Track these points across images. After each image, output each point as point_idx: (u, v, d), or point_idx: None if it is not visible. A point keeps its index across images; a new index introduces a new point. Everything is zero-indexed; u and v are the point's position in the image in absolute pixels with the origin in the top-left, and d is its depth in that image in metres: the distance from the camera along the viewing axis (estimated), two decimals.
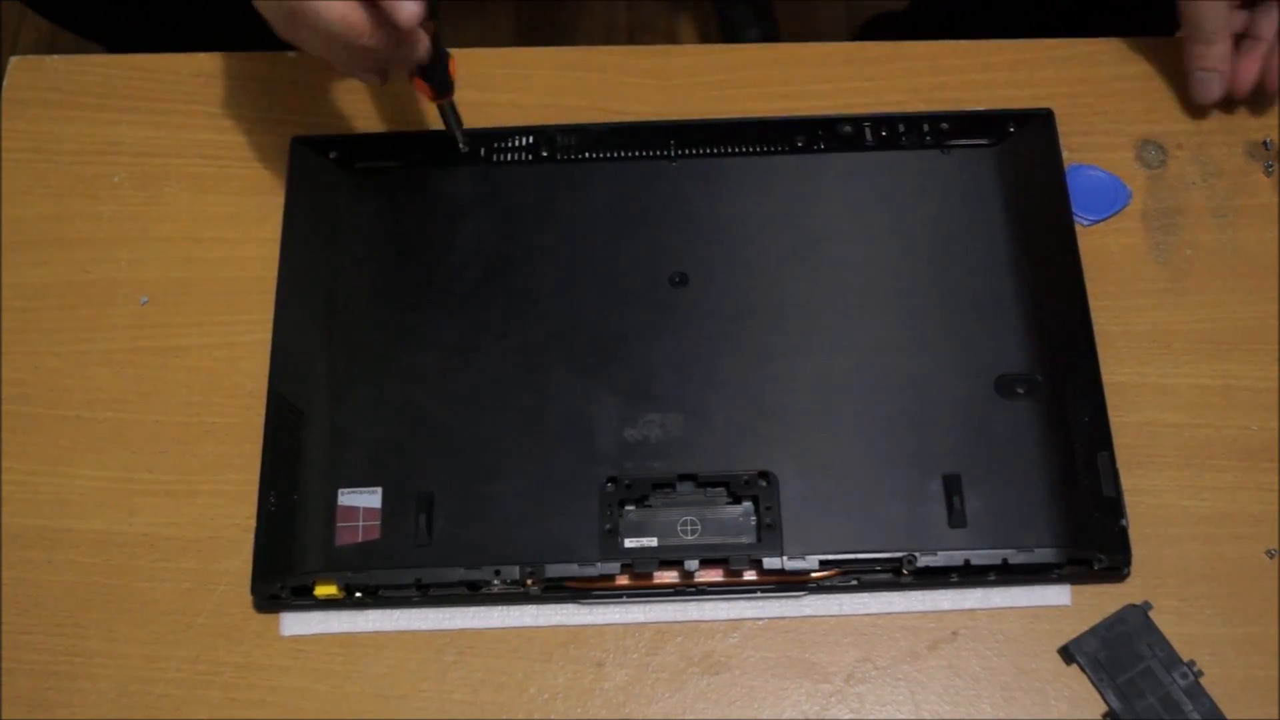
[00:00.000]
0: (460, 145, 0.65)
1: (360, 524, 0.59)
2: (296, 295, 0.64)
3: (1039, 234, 0.65)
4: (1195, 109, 0.69)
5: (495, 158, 0.67)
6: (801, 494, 0.59)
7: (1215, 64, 0.66)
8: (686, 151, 0.67)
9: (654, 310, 0.63)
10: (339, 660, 0.58)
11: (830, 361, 0.62)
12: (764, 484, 0.59)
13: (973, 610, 0.59)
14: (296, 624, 0.59)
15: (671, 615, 0.59)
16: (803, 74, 0.71)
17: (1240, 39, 0.67)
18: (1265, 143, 0.69)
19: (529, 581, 0.58)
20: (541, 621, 0.59)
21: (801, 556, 0.57)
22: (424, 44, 0.59)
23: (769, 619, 0.59)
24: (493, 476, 0.59)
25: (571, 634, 0.59)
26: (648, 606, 0.59)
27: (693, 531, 0.59)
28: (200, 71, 0.71)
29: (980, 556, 0.57)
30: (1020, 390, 0.61)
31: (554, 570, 0.57)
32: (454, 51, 0.68)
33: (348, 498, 0.59)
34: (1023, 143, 0.67)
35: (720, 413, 0.61)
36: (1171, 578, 0.59)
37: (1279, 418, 0.62)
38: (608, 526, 0.58)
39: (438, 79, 0.61)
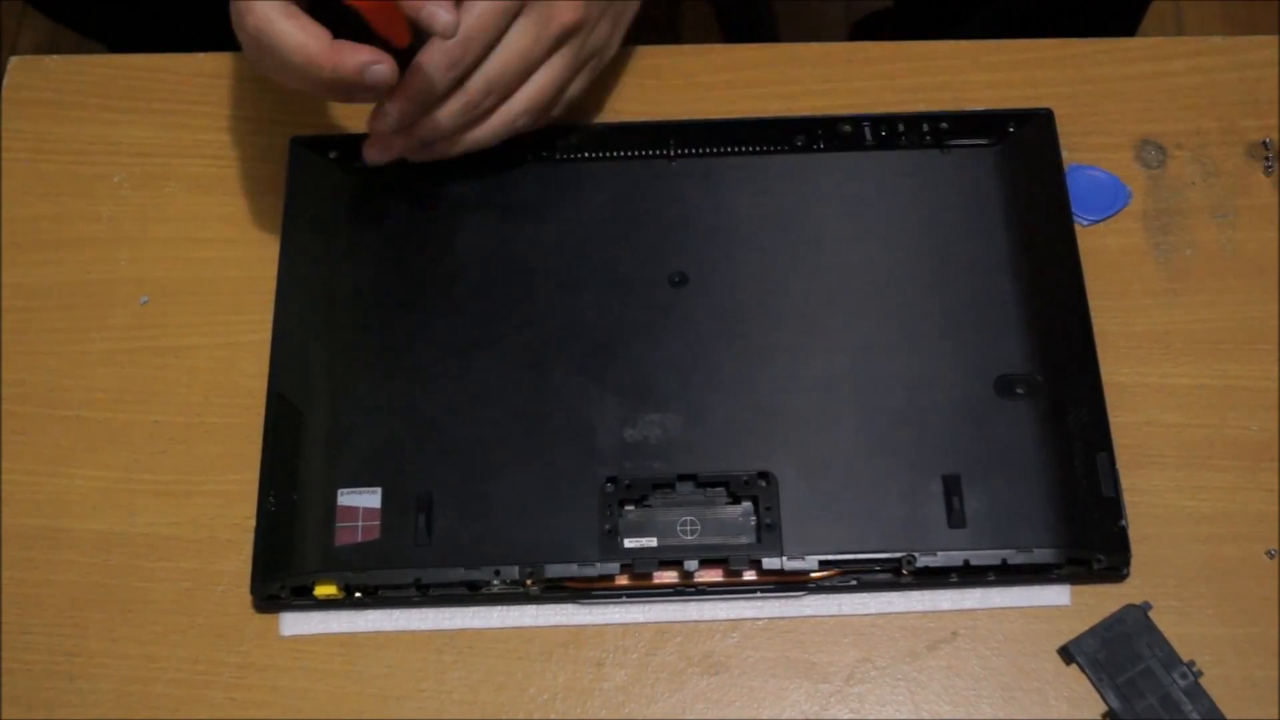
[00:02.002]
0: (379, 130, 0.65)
1: (360, 524, 0.59)
2: (296, 295, 0.64)
3: (1039, 234, 0.65)
4: (1195, 109, 0.69)
5: (495, 157, 0.67)
6: (801, 494, 0.59)
7: None
8: (686, 151, 0.67)
9: (654, 310, 0.63)
10: (339, 660, 0.58)
11: (830, 361, 0.62)
12: (763, 484, 0.59)
13: (972, 610, 0.59)
14: (296, 624, 0.59)
15: (671, 615, 0.59)
16: (803, 74, 0.71)
17: None
18: (1265, 143, 0.69)
19: (529, 582, 0.58)
20: (541, 621, 0.59)
21: (801, 557, 0.57)
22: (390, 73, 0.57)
23: (768, 619, 0.59)
24: (493, 476, 0.59)
25: (571, 634, 0.59)
26: (647, 606, 0.59)
27: (692, 532, 0.59)
28: (200, 71, 0.71)
29: (980, 557, 0.57)
30: (1020, 390, 0.61)
31: (554, 570, 0.57)
32: None
33: (347, 498, 0.59)
34: (1023, 143, 0.67)
35: (720, 413, 0.61)
36: (1171, 578, 0.59)
37: (1279, 418, 0.62)
38: (607, 527, 0.58)
39: None
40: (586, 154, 0.67)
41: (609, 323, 0.63)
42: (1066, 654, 0.58)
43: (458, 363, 0.62)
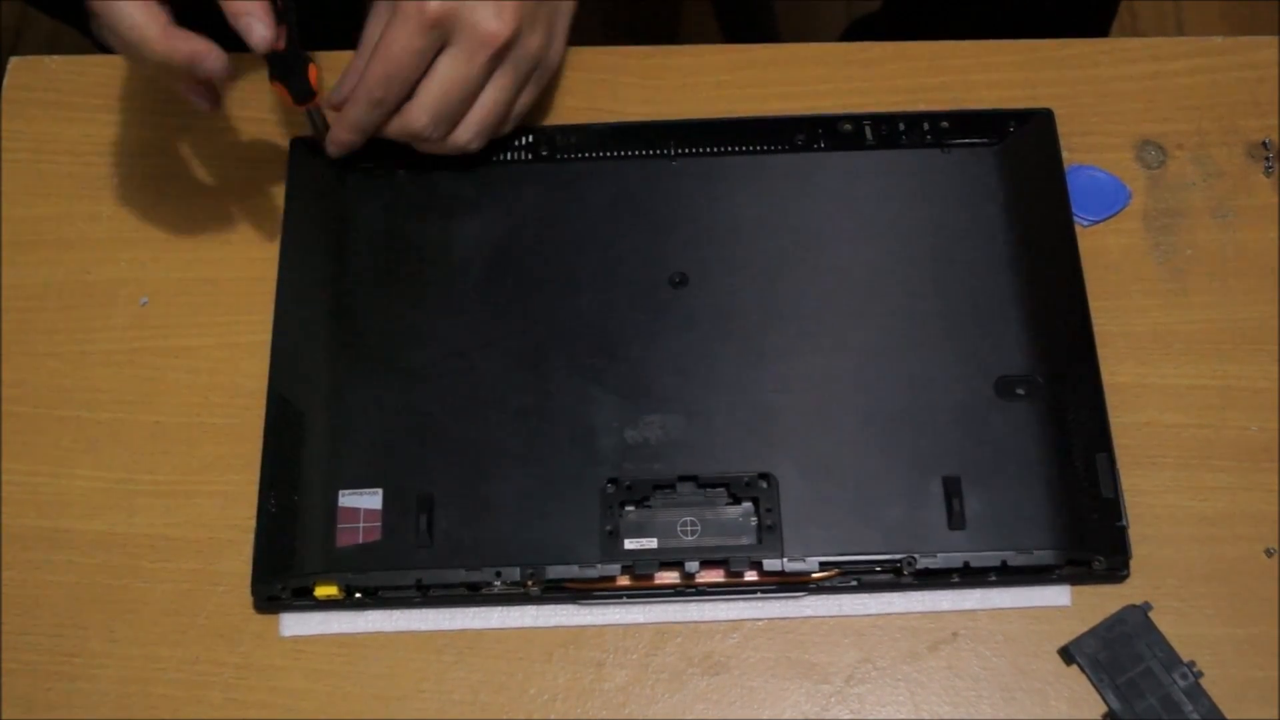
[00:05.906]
0: (329, 151, 0.65)
1: (361, 525, 0.59)
2: (296, 295, 0.64)
3: (1039, 234, 0.65)
4: (1195, 109, 0.69)
5: (495, 157, 0.67)
6: (801, 495, 0.59)
7: None
8: (686, 151, 0.67)
9: (654, 310, 0.63)
10: (339, 660, 0.58)
11: (830, 362, 0.62)
12: (764, 485, 0.59)
13: (973, 611, 0.59)
14: (296, 624, 0.59)
15: (671, 616, 0.59)
16: (803, 74, 0.71)
17: None
18: (1265, 143, 0.69)
19: (529, 583, 0.58)
20: (541, 622, 0.59)
21: (801, 558, 0.57)
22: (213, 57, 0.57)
23: (769, 620, 0.59)
24: (493, 477, 0.59)
25: (571, 634, 0.59)
26: (648, 607, 0.59)
27: (693, 533, 0.59)
28: None
29: (980, 558, 0.57)
30: (1020, 391, 0.61)
31: (554, 571, 0.57)
32: None
33: (348, 499, 0.59)
34: (1023, 142, 0.67)
35: (720, 414, 0.61)
36: (1171, 578, 0.59)
37: (1279, 418, 0.62)
38: (608, 528, 0.58)
39: (295, 86, 0.60)
40: (586, 154, 0.67)
41: (609, 323, 0.63)
42: (1067, 654, 0.58)
43: (458, 363, 0.62)
